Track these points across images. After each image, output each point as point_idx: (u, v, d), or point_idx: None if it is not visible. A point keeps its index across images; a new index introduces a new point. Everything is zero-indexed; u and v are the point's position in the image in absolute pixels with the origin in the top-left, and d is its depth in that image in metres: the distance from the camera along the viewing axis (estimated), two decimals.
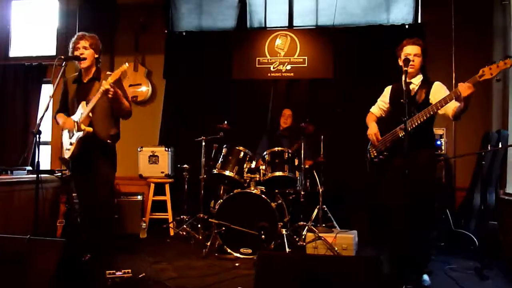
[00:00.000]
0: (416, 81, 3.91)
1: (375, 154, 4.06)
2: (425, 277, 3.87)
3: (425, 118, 3.63)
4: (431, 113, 3.62)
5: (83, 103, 3.88)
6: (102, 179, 3.96)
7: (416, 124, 3.65)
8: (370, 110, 4.33)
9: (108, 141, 3.98)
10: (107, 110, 3.96)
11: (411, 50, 3.85)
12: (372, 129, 4.05)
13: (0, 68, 7.17)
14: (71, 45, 4.02)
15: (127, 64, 3.78)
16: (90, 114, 3.83)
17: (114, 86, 3.70)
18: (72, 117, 3.94)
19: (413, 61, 3.81)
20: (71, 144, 3.90)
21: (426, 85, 3.87)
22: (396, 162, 3.81)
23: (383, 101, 4.20)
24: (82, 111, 3.85)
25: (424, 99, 3.79)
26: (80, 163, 3.97)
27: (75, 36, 4.03)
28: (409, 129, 3.58)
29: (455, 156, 5.79)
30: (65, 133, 4.06)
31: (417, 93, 3.85)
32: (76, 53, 3.95)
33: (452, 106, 3.63)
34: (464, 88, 3.37)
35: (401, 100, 3.55)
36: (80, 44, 3.96)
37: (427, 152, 3.86)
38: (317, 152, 5.62)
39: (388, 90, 4.18)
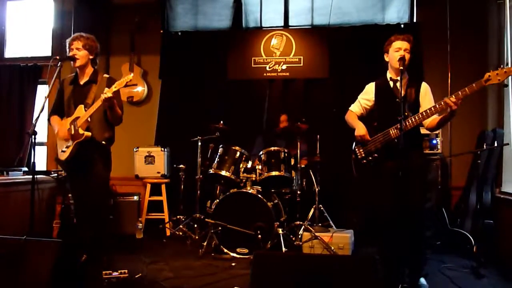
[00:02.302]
0: (403, 79, 3.73)
1: (363, 155, 3.91)
2: (422, 280, 3.81)
3: (419, 121, 3.59)
4: (427, 117, 3.59)
5: (81, 106, 3.88)
6: (98, 179, 3.96)
7: (412, 126, 3.59)
8: (350, 108, 4.14)
9: (103, 142, 3.98)
10: (103, 113, 3.95)
11: (401, 45, 3.71)
12: (361, 130, 3.87)
13: None
14: (67, 46, 4.03)
15: (132, 74, 3.79)
16: (89, 119, 3.83)
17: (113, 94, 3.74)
18: (68, 120, 3.94)
19: (403, 55, 3.65)
20: (67, 147, 3.90)
21: (414, 84, 3.79)
22: (389, 163, 3.70)
23: (366, 99, 4.02)
24: (79, 114, 3.86)
25: (414, 98, 3.73)
26: (75, 164, 3.96)
27: (71, 37, 4.03)
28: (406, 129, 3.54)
29: (451, 155, 5.80)
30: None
31: (407, 92, 3.74)
32: (70, 54, 3.95)
33: (431, 118, 3.63)
34: (452, 103, 3.35)
35: (397, 100, 3.54)
36: (74, 45, 3.95)
37: (419, 153, 3.84)
38: (313, 152, 5.62)
39: (371, 87, 4.01)
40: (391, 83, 3.81)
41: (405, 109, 3.63)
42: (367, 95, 4.03)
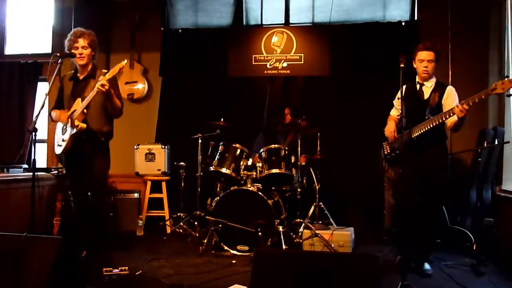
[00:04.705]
0: (429, 84, 4.08)
1: (389, 151, 4.26)
2: (427, 265, 4.07)
3: (433, 125, 3.82)
4: (440, 121, 3.81)
5: (79, 99, 3.88)
6: (96, 175, 3.97)
7: (426, 129, 3.85)
8: (390, 113, 4.49)
9: (102, 138, 3.97)
10: (102, 107, 3.96)
11: (425, 56, 3.99)
12: (390, 127, 4.25)
13: None
14: (68, 42, 3.99)
15: (125, 61, 3.77)
16: (85, 111, 3.83)
17: (108, 83, 3.71)
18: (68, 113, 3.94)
19: (426, 66, 3.98)
20: (63, 140, 3.90)
21: (440, 88, 4.03)
22: (408, 159, 3.91)
23: (397, 101, 4.31)
24: (77, 107, 3.85)
25: (437, 102, 3.96)
26: (74, 160, 3.96)
27: (73, 33, 3.99)
28: (421, 132, 3.87)
29: (451, 153, 5.79)
30: (58, 129, 4.06)
31: (430, 96, 4.01)
32: (74, 51, 3.94)
33: (452, 119, 3.83)
34: (457, 112, 3.62)
35: (397, 98, 3.64)
36: (79, 43, 3.94)
37: (440, 149, 4.09)
38: (314, 149, 5.61)
39: (402, 89, 4.28)
40: (418, 86, 4.11)
41: (427, 113, 3.95)
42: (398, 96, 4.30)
